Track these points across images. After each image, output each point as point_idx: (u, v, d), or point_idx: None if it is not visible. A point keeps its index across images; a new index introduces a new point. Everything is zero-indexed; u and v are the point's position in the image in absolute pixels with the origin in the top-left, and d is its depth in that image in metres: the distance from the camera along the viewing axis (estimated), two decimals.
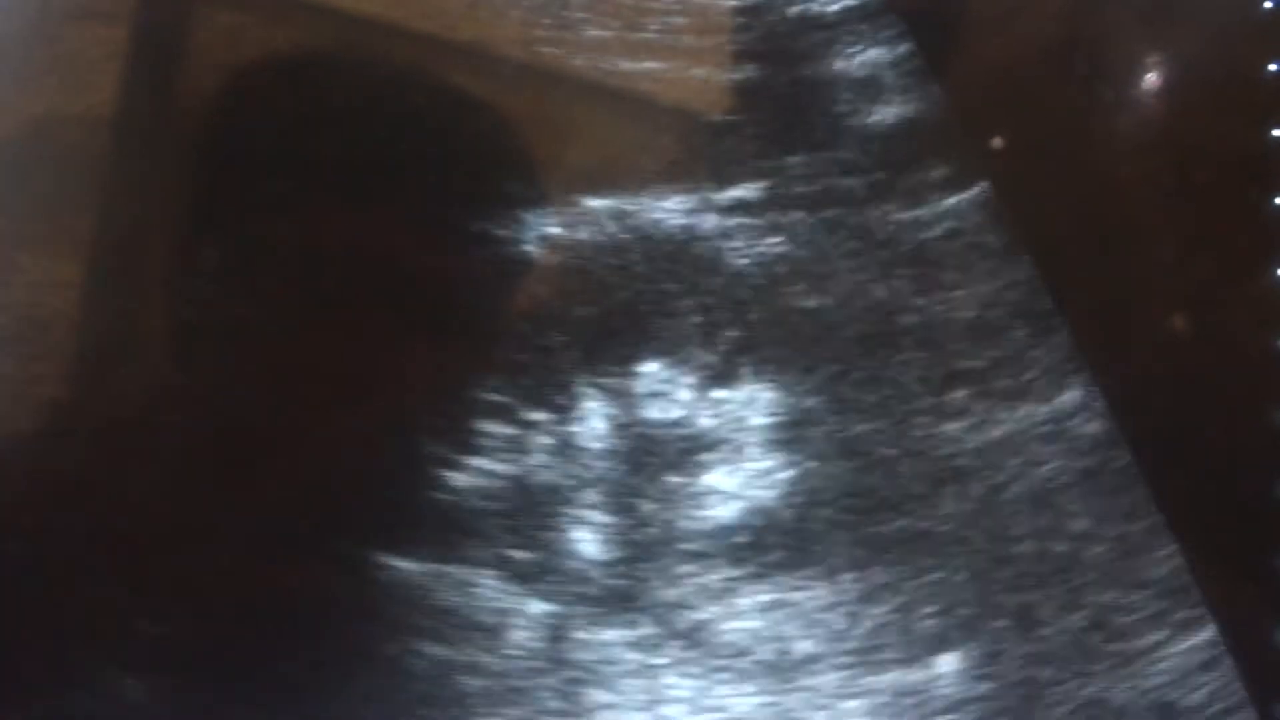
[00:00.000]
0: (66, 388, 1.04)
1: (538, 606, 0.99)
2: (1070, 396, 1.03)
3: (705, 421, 1.02)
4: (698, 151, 1.08)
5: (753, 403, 1.03)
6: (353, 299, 1.05)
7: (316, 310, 1.05)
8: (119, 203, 1.08)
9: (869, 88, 1.09)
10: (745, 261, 1.05)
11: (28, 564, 1.00)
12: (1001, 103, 1.12)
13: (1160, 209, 1.09)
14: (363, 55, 1.10)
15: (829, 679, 0.98)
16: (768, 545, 1.01)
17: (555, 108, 1.09)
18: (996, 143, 1.10)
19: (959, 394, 1.03)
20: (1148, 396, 1.05)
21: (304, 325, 1.05)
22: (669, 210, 1.06)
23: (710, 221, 1.06)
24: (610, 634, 0.99)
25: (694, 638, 0.99)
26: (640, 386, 1.02)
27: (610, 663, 0.98)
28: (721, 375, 1.03)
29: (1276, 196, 1.06)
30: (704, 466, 1.02)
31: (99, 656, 0.97)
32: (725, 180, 1.07)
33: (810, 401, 1.03)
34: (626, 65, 1.09)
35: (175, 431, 1.02)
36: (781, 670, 0.98)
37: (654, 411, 1.02)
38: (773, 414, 1.03)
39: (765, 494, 1.01)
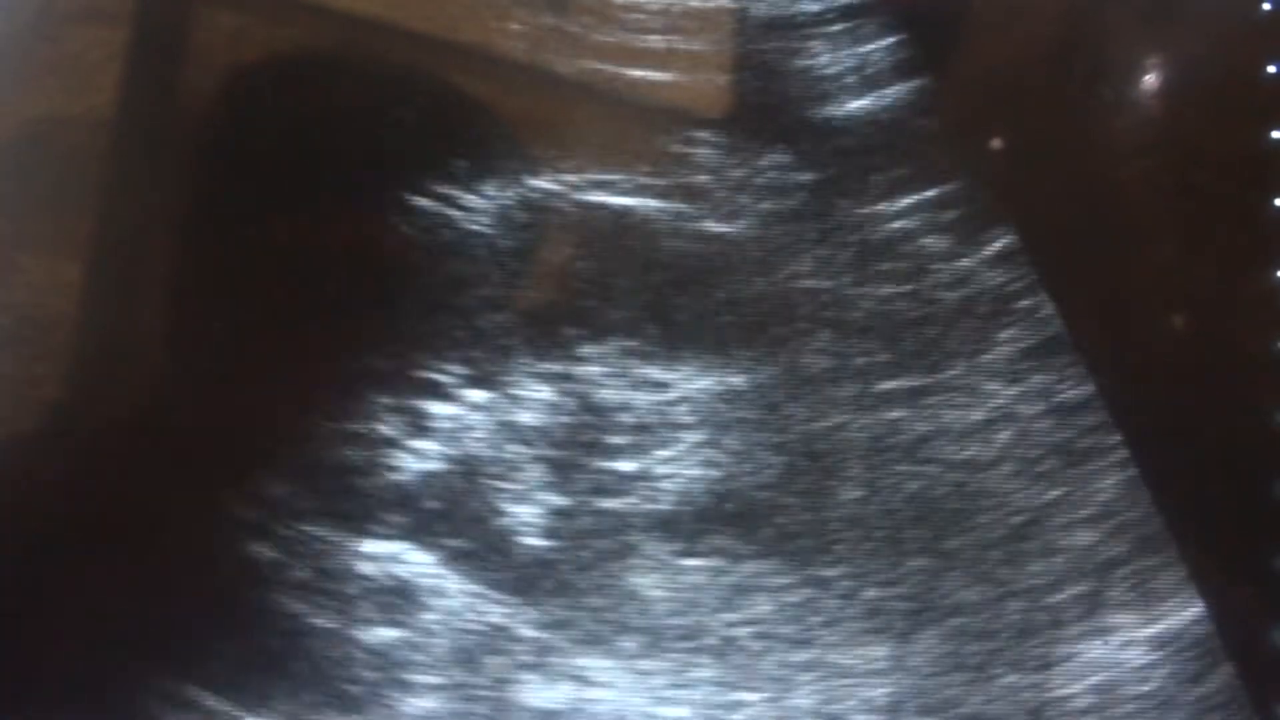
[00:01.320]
0: (67, 388, 1.05)
1: (476, 585, 0.99)
2: (1029, 385, 1.03)
3: (647, 403, 1.03)
4: (678, 147, 1.09)
5: (695, 386, 1.03)
6: (348, 296, 1.05)
7: (313, 309, 1.05)
8: (120, 204, 1.08)
9: (858, 84, 1.10)
10: (697, 249, 1.06)
11: (27, 560, 1.00)
12: (1001, 103, 1.12)
13: (1160, 209, 1.09)
14: (363, 57, 1.10)
15: (766, 659, 0.99)
16: (706, 526, 1.01)
17: (547, 107, 1.10)
18: (996, 143, 1.10)
19: (911, 381, 1.04)
20: (1147, 396, 1.05)
21: (301, 323, 1.05)
22: (625, 198, 1.07)
23: (664, 210, 1.06)
24: (543, 611, 0.99)
25: (626, 616, 0.99)
26: (584, 369, 1.03)
27: (543, 641, 0.99)
28: (666, 358, 1.04)
29: (1276, 198, 1.06)
30: (644, 448, 1.02)
31: (97, 650, 0.97)
32: (691, 172, 1.08)
33: (753, 384, 1.04)
34: (620, 67, 1.10)
35: (174, 430, 1.03)
36: (715, 649, 0.99)
37: (596, 393, 1.03)
38: (715, 397, 1.03)
39: (704, 475, 1.02)
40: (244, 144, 1.08)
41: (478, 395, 1.03)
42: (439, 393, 1.02)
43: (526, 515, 1.01)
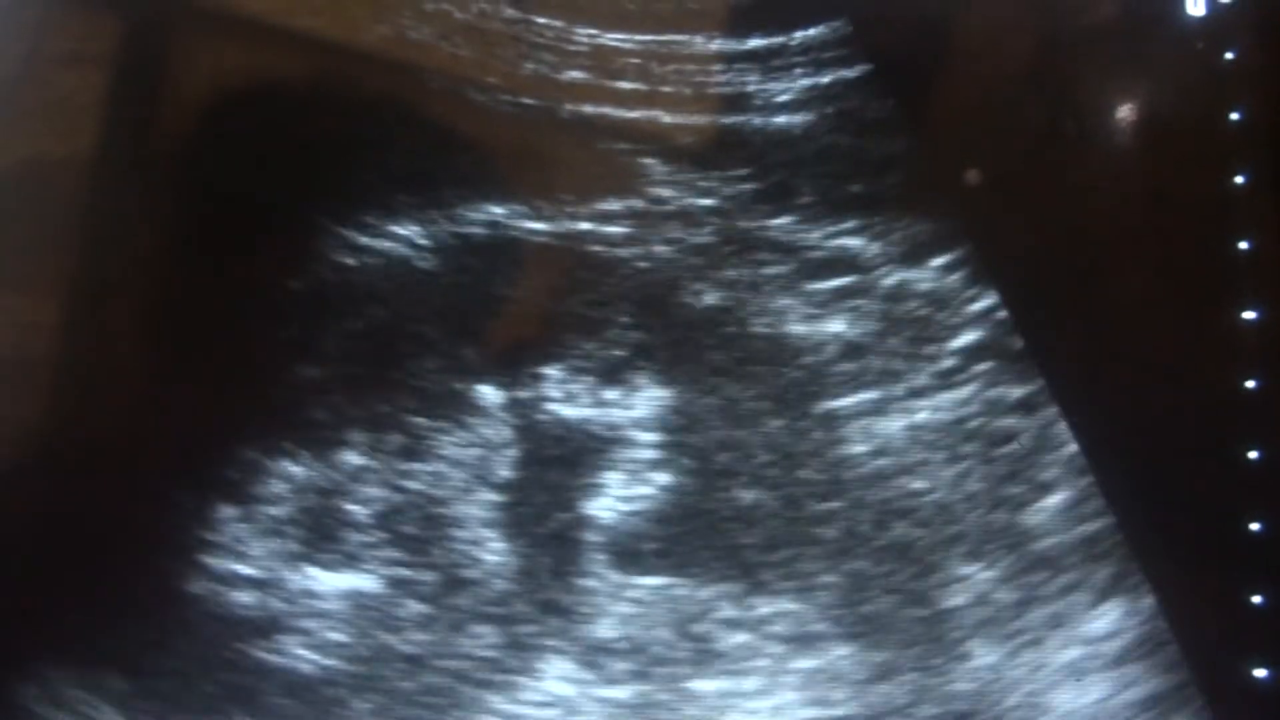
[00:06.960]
0: (45, 424, 1.06)
1: (428, 607, 1.00)
2: (962, 394, 1.05)
3: (604, 423, 1.04)
4: (649, 180, 1.11)
5: (649, 405, 1.05)
6: (316, 331, 1.06)
7: (281, 346, 1.06)
8: (97, 245, 1.09)
9: (827, 116, 1.12)
10: (648, 268, 1.08)
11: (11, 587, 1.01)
12: (970, 144, 1.13)
13: (1129, 250, 1.11)
14: (345, 91, 1.12)
15: (721, 673, 1.00)
16: (659, 542, 1.02)
17: (523, 139, 1.12)
18: (971, 177, 1.12)
19: (852, 399, 1.05)
20: (1119, 433, 1.06)
21: (270, 361, 1.06)
22: (579, 223, 1.09)
23: (617, 232, 1.08)
24: (500, 632, 1.00)
25: (579, 634, 1.00)
26: (539, 393, 1.05)
27: (499, 663, 0.99)
28: (619, 379, 1.05)
29: (1241, 240, 1.08)
30: (600, 467, 1.04)
31: (76, 675, 0.98)
32: (652, 203, 1.10)
33: (704, 403, 1.05)
34: (599, 107, 1.12)
35: (153, 464, 1.04)
36: (671, 666, 1.00)
37: (553, 414, 1.04)
38: (668, 415, 1.05)
39: (658, 493, 1.03)
40: (223, 185, 1.10)
41: (432, 424, 1.04)
42: (394, 423, 1.04)
43: (482, 539, 1.02)
